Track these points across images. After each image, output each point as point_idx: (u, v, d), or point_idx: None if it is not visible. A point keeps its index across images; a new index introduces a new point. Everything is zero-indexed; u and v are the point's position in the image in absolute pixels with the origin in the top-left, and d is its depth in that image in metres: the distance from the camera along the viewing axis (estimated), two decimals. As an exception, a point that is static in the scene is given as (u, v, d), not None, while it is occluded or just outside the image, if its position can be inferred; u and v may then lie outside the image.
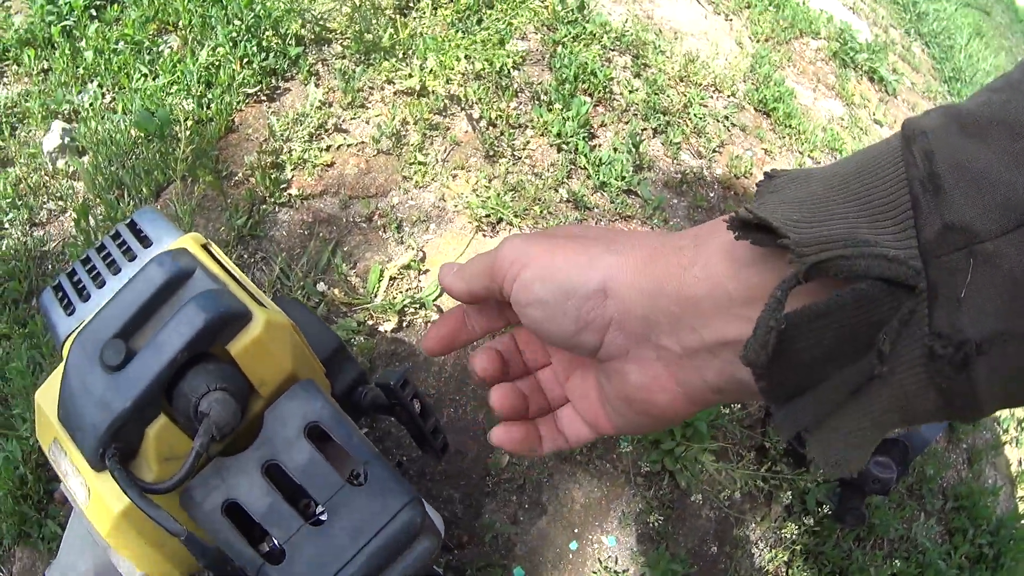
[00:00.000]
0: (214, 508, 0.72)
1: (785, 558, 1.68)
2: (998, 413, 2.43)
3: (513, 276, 0.48)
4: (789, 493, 1.70)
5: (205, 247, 0.91)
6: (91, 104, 2.08)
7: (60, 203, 1.93)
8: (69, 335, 0.89)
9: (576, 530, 1.61)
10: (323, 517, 0.74)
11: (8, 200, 1.91)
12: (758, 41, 3.06)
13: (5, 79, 2.19)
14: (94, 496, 0.78)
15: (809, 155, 2.64)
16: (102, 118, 2.04)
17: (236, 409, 0.71)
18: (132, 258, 0.93)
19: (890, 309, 0.36)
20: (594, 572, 1.57)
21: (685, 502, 1.69)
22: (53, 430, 0.82)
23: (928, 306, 0.35)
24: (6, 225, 1.90)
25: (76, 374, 0.75)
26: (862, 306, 0.35)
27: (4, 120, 2.06)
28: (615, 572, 1.57)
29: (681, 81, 2.51)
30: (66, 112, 2.08)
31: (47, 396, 0.85)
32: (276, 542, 0.72)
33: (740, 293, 0.40)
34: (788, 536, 1.65)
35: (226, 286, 0.80)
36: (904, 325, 0.36)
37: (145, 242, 0.94)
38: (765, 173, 0.43)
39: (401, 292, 1.75)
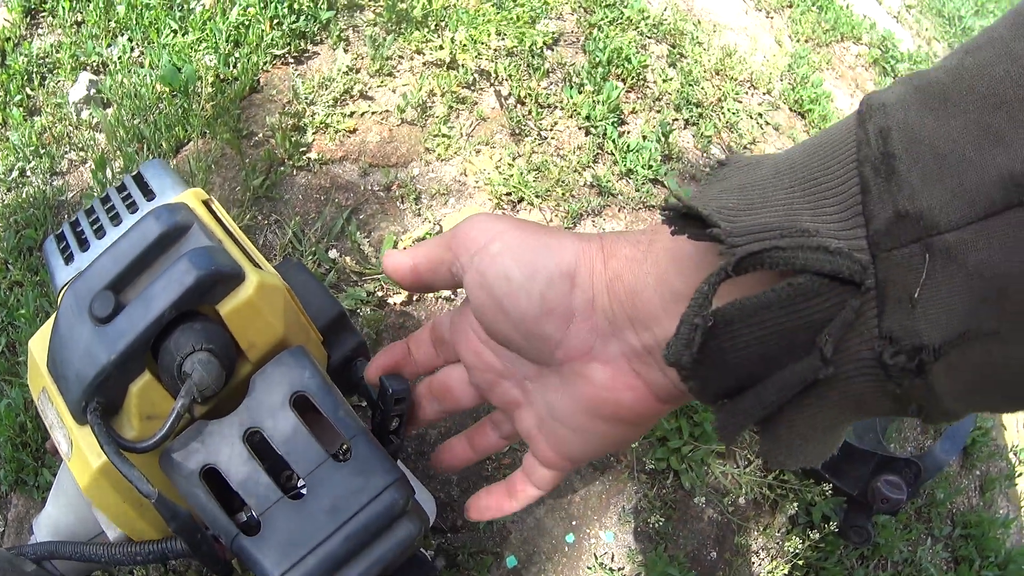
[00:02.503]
0: (192, 472, 0.70)
1: (785, 571, 1.64)
2: (1016, 442, 2.37)
3: (478, 247, 0.44)
4: (795, 504, 1.66)
5: (206, 203, 0.88)
6: (119, 57, 2.07)
7: (81, 154, 1.93)
8: (66, 284, 0.87)
9: (574, 523, 1.58)
10: (304, 491, 0.71)
11: (32, 148, 1.91)
12: (798, 41, 3.00)
13: (40, 30, 2.18)
14: (75, 449, 0.76)
15: (842, 160, 2.58)
16: (129, 72, 2.02)
17: (220, 372, 0.69)
18: (134, 210, 0.91)
19: (833, 307, 0.31)
20: (589, 568, 1.54)
21: (688, 503, 1.66)
22: (42, 379, 0.80)
23: (877, 306, 0.31)
24: (28, 173, 1.90)
25: (66, 324, 0.73)
26: (799, 303, 0.31)
27: (35, 70, 2.05)
28: (611, 569, 1.54)
29: (717, 74, 2.45)
30: (94, 64, 2.07)
31: (39, 344, 0.83)
32: (253, 513, 0.70)
33: (684, 289, 0.37)
34: (791, 549, 1.61)
35: (222, 244, 0.78)
36: (849, 326, 0.31)
37: (149, 195, 0.92)
38: (718, 160, 0.39)
39: (414, 265, 1.72)
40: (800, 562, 1.67)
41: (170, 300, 0.69)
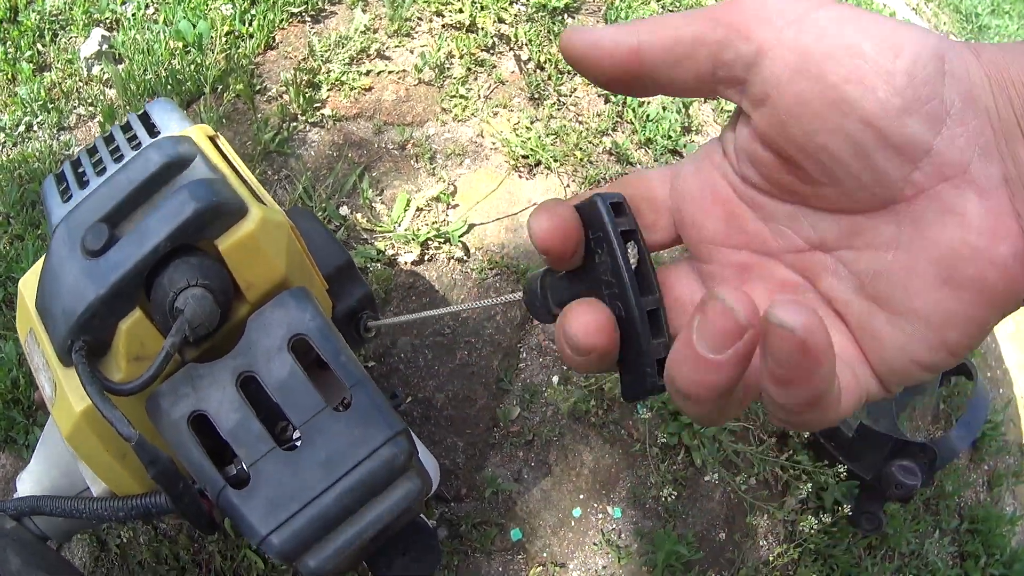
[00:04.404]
0: (180, 418, 0.65)
1: (795, 556, 1.60)
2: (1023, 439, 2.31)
3: (789, 18, 0.29)
4: (808, 486, 1.61)
5: (212, 139, 0.84)
6: (134, 14, 2.04)
7: (90, 108, 1.90)
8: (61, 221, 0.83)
9: (581, 496, 1.54)
10: (299, 443, 0.67)
11: (40, 103, 1.88)
12: (820, 23, 2.95)
13: (54, -13, 2.15)
14: (59, 393, 0.71)
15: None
16: (143, 28, 2.00)
17: (214, 309, 0.64)
18: (137, 146, 0.86)
19: None
20: (595, 544, 1.50)
21: (698, 481, 1.62)
22: (31, 319, 0.76)
23: None
24: (35, 127, 1.88)
25: (57, 258, 0.68)
26: None
27: (47, 26, 2.02)
28: (617, 546, 1.51)
29: (741, 49, 2.41)
30: (108, 21, 2.05)
31: (30, 284, 0.79)
32: (243, 465, 0.65)
33: None
34: (805, 528, 1.56)
35: (225, 177, 0.73)
36: None
37: (153, 131, 0.87)
38: None
39: (427, 224, 1.69)
40: (810, 547, 1.63)
41: (166, 233, 0.65)
